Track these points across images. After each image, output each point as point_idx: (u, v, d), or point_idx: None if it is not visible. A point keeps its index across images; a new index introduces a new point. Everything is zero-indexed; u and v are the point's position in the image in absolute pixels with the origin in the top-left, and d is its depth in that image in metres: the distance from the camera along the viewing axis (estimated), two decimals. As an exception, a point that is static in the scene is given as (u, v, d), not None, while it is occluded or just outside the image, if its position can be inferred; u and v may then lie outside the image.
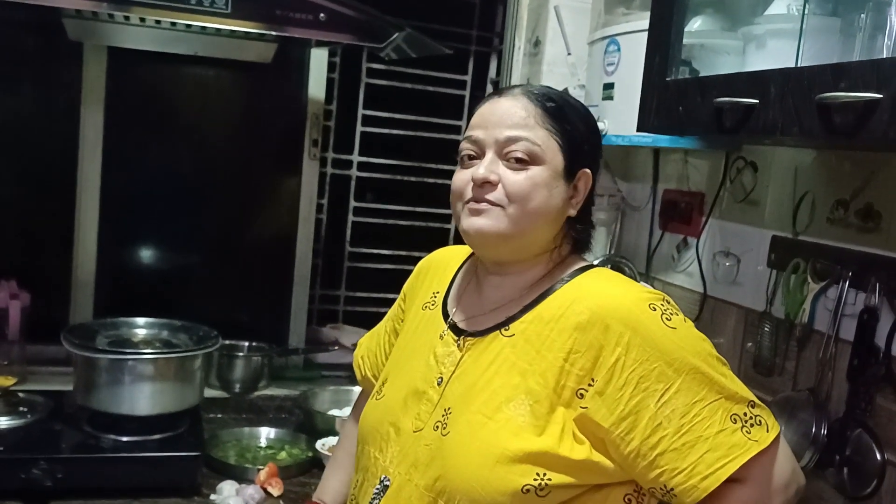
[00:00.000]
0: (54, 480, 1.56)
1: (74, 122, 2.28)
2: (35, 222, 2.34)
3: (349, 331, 2.63)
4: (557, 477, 1.04)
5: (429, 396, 1.16)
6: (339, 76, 2.54)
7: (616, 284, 1.13)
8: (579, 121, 1.17)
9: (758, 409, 1.07)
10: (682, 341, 1.05)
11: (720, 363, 1.08)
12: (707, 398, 1.03)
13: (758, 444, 1.03)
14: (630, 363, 1.04)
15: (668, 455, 1.03)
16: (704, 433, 1.02)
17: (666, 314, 1.06)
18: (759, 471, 1.05)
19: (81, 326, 1.90)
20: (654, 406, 1.03)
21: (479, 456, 1.06)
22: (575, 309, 1.09)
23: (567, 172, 1.14)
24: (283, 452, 1.93)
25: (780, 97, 1.16)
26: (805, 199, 1.62)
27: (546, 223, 1.14)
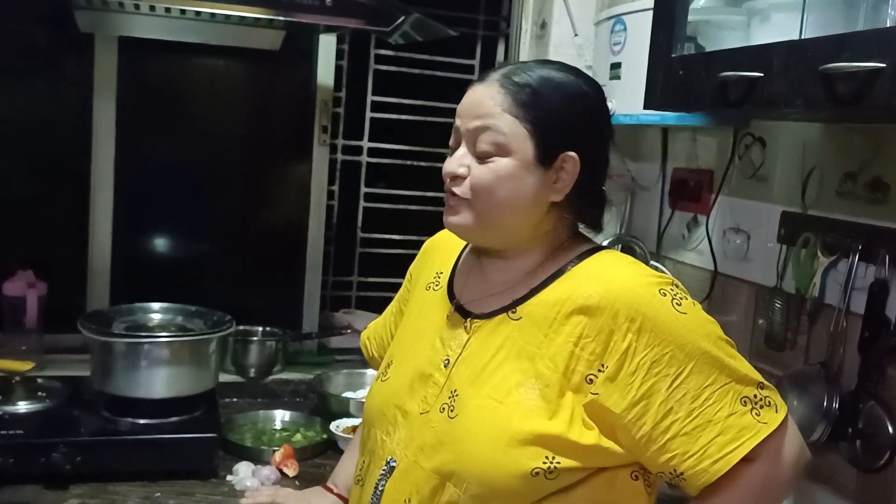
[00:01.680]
0: (73, 464, 1.58)
1: (87, 113, 2.29)
2: (50, 213, 2.37)
3: (362, 316, 2.65)
4: (566, 461, 1.04)
5: (435, 379, 1.15)
6: (347, 63, 2.55)
7: (625, 268, 1.12)
8: (561, 101, 1.11)
9: (766, 390, 1.08)
10: (693, 325, 1.05)
11: (729, 346, 1.08)
12: (718, 382, 1.04)
13: (767, 426, 1.05)
14: (642, 348, 1.04)
15: (679, 439, 1.03)
16: (715, 417, 1.03)
17: (676, 299, 1.06)
18: (769, 451, 1.06)
19: (98, 313, 1.92)
20: (665, 390, 1.03)
21: (491, 439, 1.06)
22: (583, 293, 1.07)
23: (542, 159, 1.09)
24: (298, 434, 1.95)
25: (784, 69, 1.16)
26: (813, 173, 1.62)
27: (519, 213, 1.11)
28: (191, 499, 1.58)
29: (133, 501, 1.56)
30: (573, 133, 1.11)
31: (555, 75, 1.13)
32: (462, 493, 1.07)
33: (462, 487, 1.07)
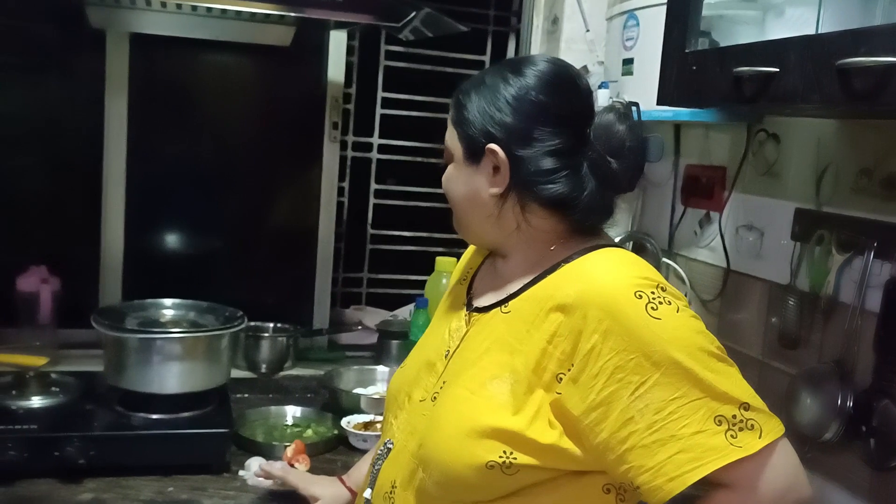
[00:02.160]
0: (87, 458, 1.59)
1: (99, 110, 2.31)
2: (63, 210, 2.38)
3: (372, 312, 2.65)
4: (522, 457, 1.03)
5: (436, 368, 1.18)
6: (357, 59, 2.55)
7: (610, 267, 1.08)
8: (481, 97, 1.12)
9: (753, 412, 0.99)
10: (665, 333, 0.99)
11: (714, 360, 1.00)
12: (688, 396, 0.97)
13: (741, 450, 0.97)
14: (606, 352, 0.99)
15: (636, 451, 0.98)
16: (679, 432, 0.97)
17: (653, 303, 1.00)
18: (745, 479, 0.99)
19: (111, 308, 1.93)
20: (627, 399, 0.98)
21: (454, 428, 1.07)
22: (564, 290, 1.06)
23: (470, 156, 1.13)
24: (310, 430, 1.96)
25: (799, 64, 1.15)
26: (828, 170, 1.61)
27: (474, 210, 1.15)
28: (203, 493, 1.59)
29: (146, 495, 1.56)
30: (496, 126, 1.10)
31: (485, 74, 1.15)
32: (428, 479, 1.09)
33: (428, 473, 1.09)
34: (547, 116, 1.10)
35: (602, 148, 1.11)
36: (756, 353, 1.81)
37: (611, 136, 1.11)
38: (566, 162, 1.10)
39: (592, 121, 1.12)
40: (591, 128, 1.12)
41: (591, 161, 1.11)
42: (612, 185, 1.13)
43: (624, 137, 1.11)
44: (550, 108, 1.10)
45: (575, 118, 1.11)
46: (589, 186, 1.10)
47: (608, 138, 1.11)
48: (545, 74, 1.11)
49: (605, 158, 1.11)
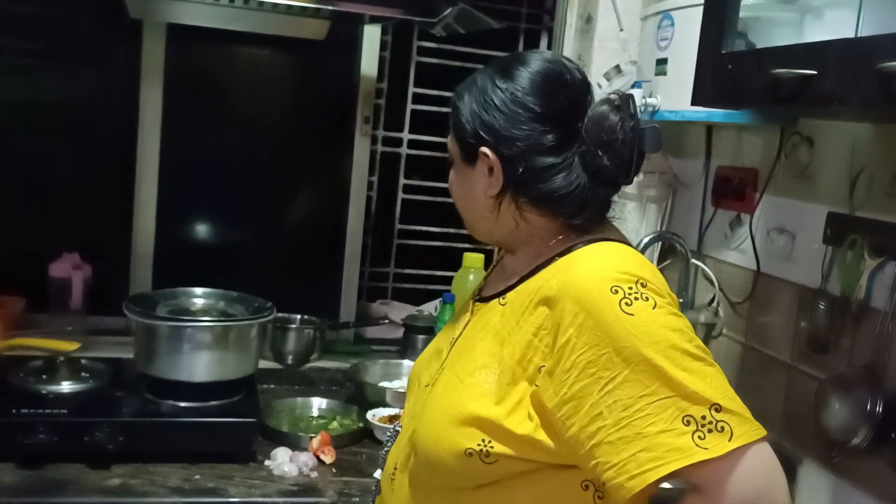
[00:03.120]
0: (116, 443, 1.60)
1: (134, 100, 2.33)
2: (97, 197, 2.41)
3: (398, 307, 2.66)
4: (499, 447, 1.03)
5: (442, 355, 1.22)
6: (390, 54, 2.56)
7: (594, 260, 1.07)
8: (470, 101, 1.14)
9: (726, 414, 0.96)
10: (636, 329, 0.97)
11: (689, 358, 0.98)
12: (657, 394, 0.96)
13: (706, 452, 0.94)
14: (580, 346, 0.99)
15: (603, 447, 0.97)
16: (644, 430, 0.95)
17: (628, 298, 0.99)
18: (711, 480, 0.96)
19: (142, 296, 1.95)
20: (597, 394, 0.97)
21: (440, 414, 1.09)
22: (550, 283, 1.06)
23: (465, 158, 1.16)
24: (335, 422, 1.97)
25: (838, 67, 1.15)
26: (862, 174, 1.59)
27: (475, 210, 1.18)
28: (230, 482, 1.60)
29: (173, 482, 1.58)
30: (485, 129, 1.12)
31: (475, 78, 1.16)
32: (417, 463, 1.13)
33: (417, 458, 1.12)
34: (534, 116, 1.10)
35: (593, 141, 1.10)
36: (785, 357, 1.80)
37: (603, 129, 1.09)
38: (557, 159, 1.10)
39: (584, 115, 1.11)
40: (582, 122, 1.11)
41: (583, 156, 1.10)
42: (605, 179, 1.12)
43: (616, 129, 1.09)
44: (538, 108, 1.10)
45: (564, 116, 1.11)
46: (580, 182, 1.10)
47: (600, 131, 1.09)
48: (534, 74, 1.12)
49: (595, 153, 1.09)
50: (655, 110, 1.91)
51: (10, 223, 2.33)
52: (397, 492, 1.18)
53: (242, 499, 1.56)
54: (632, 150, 1.10)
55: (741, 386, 1.93)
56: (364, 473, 1.70)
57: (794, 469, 1.76)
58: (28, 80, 2.32)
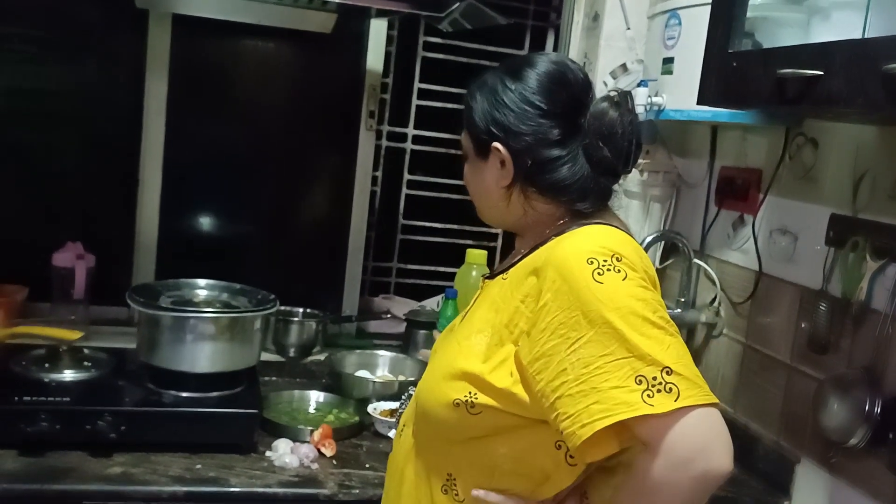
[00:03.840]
0: (118, 432, 1.60)
1: (138, 90, 2.33)
2: (101, 188, 2.41)
3: (400, 302, 2.67)
4: (483, 398, 1.15)
5: (455, 328, 1.33)
6: (395, 49, 2.56)
7: (580, 237, 1.17)
8: (482, 99, 1.23)
9: (675, 377, 1.03)
10: (603, 296, 1.07)
11: (648, 325, 1.06)
12: (615, 354, 1.05)
13: (651, 408, 1.02)
14: (554, 309, 1.09)
15: (563, 399, 1.06)
16: (599, 385, 1.04)
17: (601, 269, 1.09)
18: (653, 436, 1.04)
19: (145, 286, 1.94)
20: (564, 352, 1.07)
21: (437, 371, 1.24)
22: (539, 257, 1.17)
23: (478, 152, 1.25)
24: (331, 416, 1.97)
25: (844, 68, 1.15)
26: (866, 176, 1.60)
27: (489, 200, 1.27)
28: (230, 472, 1.61)
29: (174, 472, 1.58)
30: (496, 126, 1.22)
31: (486, 76, 1.26)
32: (417, 416, 1.28)
33: (418, 411, 1.27)
34: (541, 113, 1.20)
35: (595, 135, 1.19)
36: (785, 357, 1.81)
37: (603, 123, 1.19)
38: (562, 151, 1.20)
39: (586, 111, 1.20)
40: (585, 118, 1.20)
41: (586, 148, 1.20)
42: (606, 169, 1.21)
43: (615, 123, 1.18)
44: (544, 106, 1.20)
45: (568, 112, 1.21)
46: (582, 172, 1.20)
47: (600, 126, 1.19)
48: (540, 75, 1.21)
49: (597, 145, 1.19)
50: (661, 109, 1.91)
51: (14, 212, 2.33)
52: (403, 443, 1.32)
53: (244, 489, 1.56)
54: (630, 142, 1.20)
55: (741, 386, 1.94)
56: (364, 466, 1.71)
57: (792, 468, 1.77)
58: (33, 69, 2.32)
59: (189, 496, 1.54)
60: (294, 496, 1.58)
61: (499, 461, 1.19)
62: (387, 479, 1.40)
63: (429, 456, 1.26)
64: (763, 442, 1.85)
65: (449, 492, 1.23)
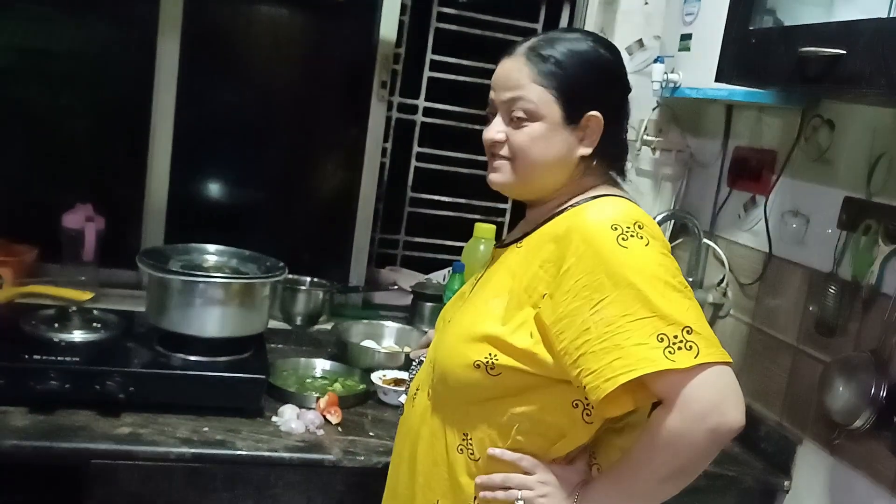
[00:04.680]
0: (126, 393, 1.62)
1: (150, 54, 2.31)
2: (111, 150, 2.41)
3: (407, 274, 2.67)
4: (504, 359, 1.19)
5: (466, 296, 1.37)
6: (409, 19, 2.54)
7: (602, 206, 1.21)
8: (579, 67, 1.24)
9: (695, 336, 1.09)
10: (627, 259, 1.12)
11: (669, 288, 1.11)
12: (637, 314, 1.09)
13: (672, 363, 1.07)
14: (578, 272, 1.14)
15: (587, 356, 1.11)
16: (623, 342, 1.09)
17: (624, 235, 1.14)
18: (671, 391, 1.09)
19: (155, 250, 1.95)
20: (587, 312, 1.12)
21: (456, 334, 1.27)
22: (560, 225, 1.21)
23: (568, 120, 1.24)
24: (337, 384, 1.98)
25: (868, 48, 1.14)
26: (882, 159, 1.59)
27: (552, 168, 1.26)
28: (237, 435, 1.62)
29: (182, 433, 1.59)
30: (594, 94, 1.24)
31: (576, 46, 1.26)
32: (435, 377, 1.30)
33: (435, 373, 1.30)
34: (624, 89, 1.30)
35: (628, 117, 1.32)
36: (791, 339, 1.81)
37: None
38: (624, 128, 1.31)
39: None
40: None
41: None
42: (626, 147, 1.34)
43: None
44: (626, 82, 1.30)
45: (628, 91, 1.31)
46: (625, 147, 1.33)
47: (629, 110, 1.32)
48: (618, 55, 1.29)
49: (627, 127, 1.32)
50: (676, 86, 1.90)
51: (25, 172, 2.33)
52: (417, 407, 1.35)
53: (250, 452, 1.57)
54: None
55: (745, 366, 1.95)
56: (368, 434, 1.72)
57: (794, 449, 1.78)
58: (45, 28, 2.30)
59: (196, 458, 1.55)
60: (300, 461, 1.60)
61: (515, 420, 1.22)
62: (397, 442, 1.42)
63: (445, 416, 1.29)
64: (766, 422, 1.86)
65: (464, 451, 1.26)
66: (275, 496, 1.60)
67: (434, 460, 1.30)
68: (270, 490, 1.60)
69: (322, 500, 1.62)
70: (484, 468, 1.24)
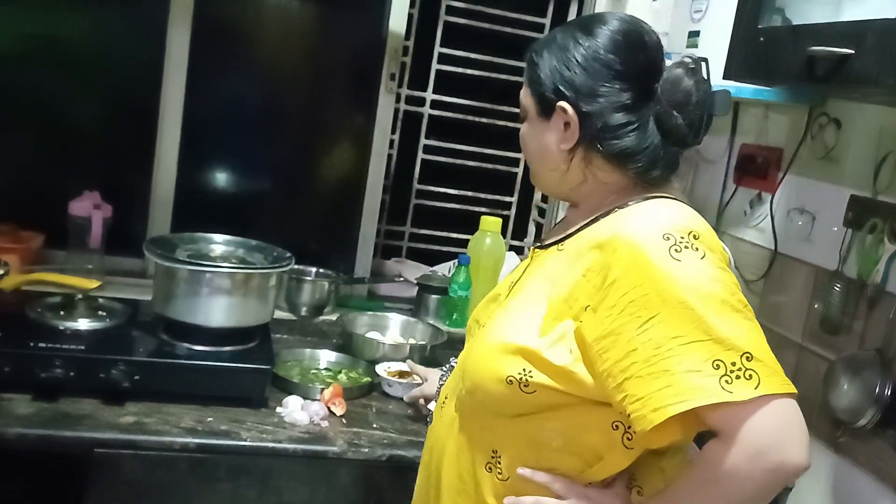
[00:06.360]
0: (131, 382, 1.62)
1: (160, 42, 2.31)
2: (119, 138, 2.41)
3: (412, 266, 2.68)
4: (539, 376, 1.09)
5: (500, 299, 1.28)
6: (418, 12, 2.54)
7: (651, 211, 1.11)
8: (552, 55, 1.17)
9: (756, 363, 0.98)
10: (679, 274, 1.01)
11: (727, 308, 1.01)
12: (689, 336, 0.99)
13: (730, 395, 0.96)
14: (625, 286, 1.03)
15: (633, 381, 1.01)
16: (673, 368, 0.99)
17: (677, 246, 1.03)
18: (728, 425, 0.98)
19: (162, 239, 1.95)
20: (634, 330, 1.02)
21: (487, 344, 1.17)
22: (605, 229, 1.11)
23: (542, 112, 1.19)
24: (342, 375, 1.98)
25: (876, 48, 1.14)
26: (888, 158, 1.59)
27: (547, 163, 1.21)
28: (241, 426, 1.62)
29: (186, 423, 1.60)
30: (565, 84, 1.15)
31: (557, 33, 1.19)
32: (463, 388, 1.21)
33: (464, 383, 1.21)
34: (615, 74, 1.14)
35: (668, 102, 1.13)
36: (796, 337, 1.81)
37: (677, 90, 1.13)
38: (633, 117, 1.14)
39: (660, 75, 1.15)
40: (658, 83, 1.14)
41: (657, 115, 1.14)
42: (677, 139, 1.15)
43: (691, 91, 1.13)
44: (618, 66, 1.14)
45: (642, 74, 1.14)
46: (653, 140, 1.14)
47: (674, 92, 1.13)
48: (614, 33, 1.15)
49: (670, 112, 1.13)
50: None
51: (32, 159, 2.34)
52: (444, 417, 1.27)
53: (254, 443, 1.58)
54: (703, 111, 1.14)
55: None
56: (372, 426, 1.73)
57: (798, 447, 1.78)
58: (56, 16, 2.31)
59: (200, 448, 1.56)
60: (304, 452, 1.60)
61: (548, 437, 1.13)
62: (425, 452, 1.35)
63: (473, 430, 1.21)
64: (769, 419, 1.86)
65: (493, 469, 1.17)
66: (278, 487, 1.61)
67: (460, 477, 1.22)
68: (274, 481, 1.60)
69: (325, 491, 1.63)
70: (513, 489, 1.15)
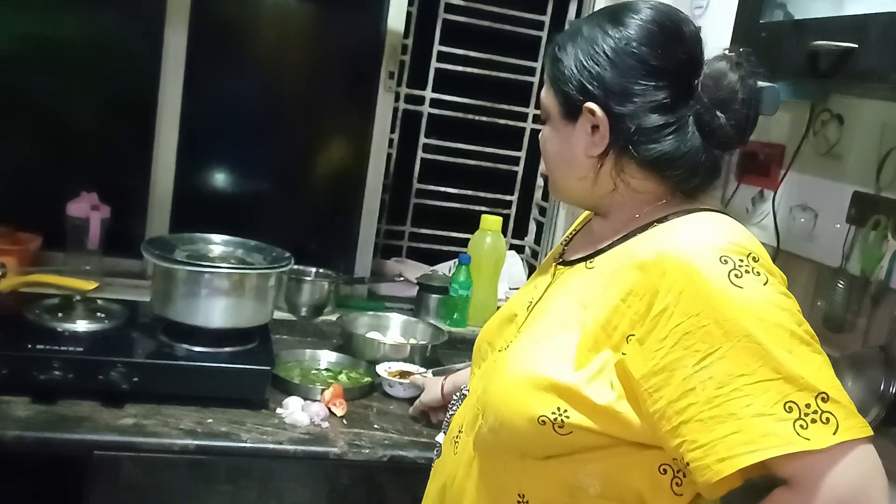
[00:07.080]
0: (130, 383, 1.61)
1: (157, 42, 2.30)
2: (117, 139, 2.40)
3: (412, 265, 2.67)
4: (576, 416, 0.97)
5: (517, 319, 1.17)
6: (416, 10, 2.53)
7: (701, 228, 0.99)
8: (578, 52, 1.05)
9: (833, 404, 0.88)
10: (743, 303, 0.90)
11: (796, 341, 0.90)
12: (757, 374, 0.88)
13: (808, 442, 0.86)
14: (678, 315, 0.92)
15: (692, 424, 0.90)
16: (740, 411, 0.88)
17: (738, 270, 0.91)
18: (805, 475, 0.88)
19: (160, 239, 1.94)
20: (691, 367, 0.90)
21: (513, 376, 1.03)
22: (646, 248, 0.99)
23: (566, 114, 1.07)
24: (342, 376, 1.98)
25: (880, 42, 1.13)
26: (891, 154, 1.58)
27: (570, 170, 1.09)
28: (241, 427, 1.62)
29: (186, 424, 1.59)
30: (593, 82, 1.04)
31: (584, 23, 1.08)
32: (485, 424, 1.07)
33: (485, 419, 1.07)
34: (649, 69, 1.02)
35: (710, 100, 1.02)
36: (799, 335, 1.80)
37: (720, 87, 1.02)
38: (671, 118, 1.02)
39: (700, 70, 1.04)
40: (699, 79, 1.03)
41: (698, 115, 1.03)
42: (720, 141, 1.04)
43: (736, 88, 1.02)
44: (653, 61, 1.02)
45: (680, 69, 1.03)
46: (693, 144, 1.03)
47: (717, 89, 1.02)
48: (647, 22, 1.03)
49: (712, 112, 1.02)
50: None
51: (30, 161, 2.32)
52: (461, 454, 1.14)
53: (255, 444, 1.57)
54: (748, 110, 1.03)
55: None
56: (373, 427, 1.72)
57: (802, 446, 1.77)
58: (53, 17, 2.29)
59: (200, 449, 1.55)
60: (304, 453, 1.59)
61: (585, 482, 1.00)
62: (430, 489, 1.23)
63: (497, 472, 1.08)
64: (772, 418, 1.85)
65: None
66: (278, 489, 1.60)
67: None
68: (274, 482, 1.59)
69: (326, 492, 1.62)
70: None
